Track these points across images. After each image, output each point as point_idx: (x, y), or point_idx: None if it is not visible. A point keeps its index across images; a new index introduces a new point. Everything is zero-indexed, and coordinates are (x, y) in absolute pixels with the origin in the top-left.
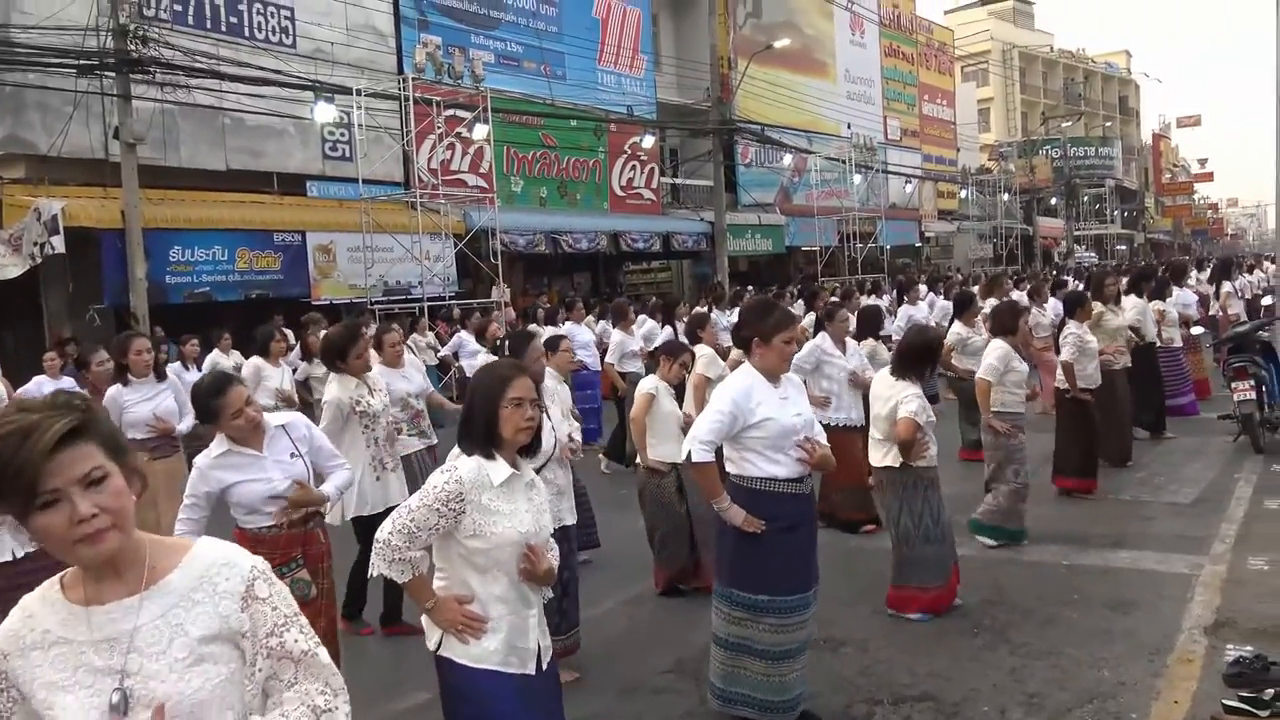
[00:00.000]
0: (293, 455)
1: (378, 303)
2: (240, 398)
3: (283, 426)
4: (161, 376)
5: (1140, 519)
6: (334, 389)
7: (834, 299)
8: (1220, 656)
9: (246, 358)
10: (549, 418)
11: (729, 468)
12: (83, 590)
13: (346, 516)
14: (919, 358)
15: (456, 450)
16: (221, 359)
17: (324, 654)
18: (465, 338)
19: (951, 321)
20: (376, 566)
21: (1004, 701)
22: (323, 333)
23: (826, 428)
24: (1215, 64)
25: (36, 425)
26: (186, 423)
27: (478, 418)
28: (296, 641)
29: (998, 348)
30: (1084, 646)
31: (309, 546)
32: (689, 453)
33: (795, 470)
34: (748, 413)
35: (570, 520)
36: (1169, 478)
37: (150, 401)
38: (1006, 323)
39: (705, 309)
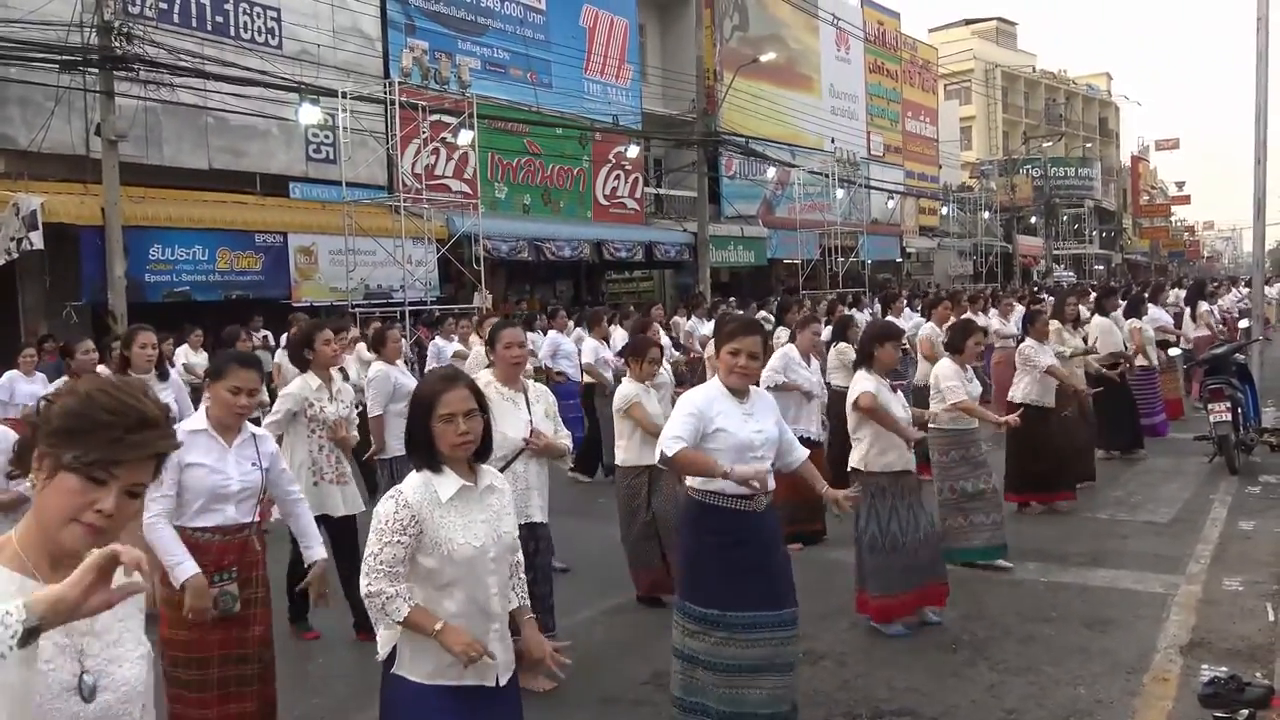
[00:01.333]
0: (254, 465)
1: (359, 306)
2: (251, 380)
3: (255, 436)
4: (164, 375)
5: (1118, 538)
6: (294, 384)
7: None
8: (1195, 676)
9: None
10: (528, 412)
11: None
12: (33, 567)
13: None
14: (865, 348)
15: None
16: (192, 356)
17: None
18: (442, 344)
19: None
20: (377, 623)
21: (982, 717)
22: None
23: None
24: (1194, 89)
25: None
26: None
27: (416, 435)
28: None
29: (948, 367)
30: (1061, 664)
31: (244, 555)
32: (661, 452)
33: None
34: (707, 421)
35: (540, 518)
36: (1146, 497)
37: (168, 397)
38: (955, 341)
39: (685, 317)
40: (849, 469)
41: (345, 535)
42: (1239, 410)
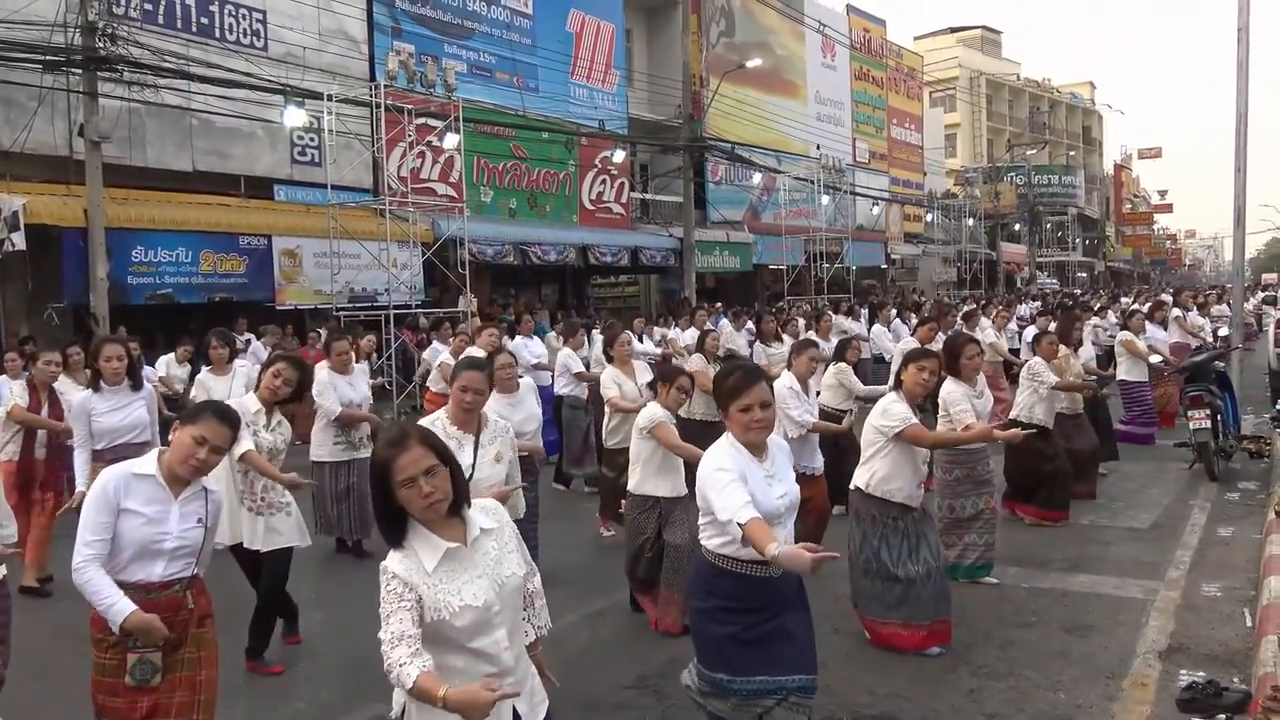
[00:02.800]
0: (199, 521)
1: (343, 309)
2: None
3: (205, 490)
4: (138, 385)
5: (1098, 544)
6: (235, 400)
7: (806, 335)
8: (1174, 681)
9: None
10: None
11: (701, 537)
12: None
13: (225, 542)
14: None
15: None
16: (174, 368)
17: None
18: (440, 347)
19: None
20: (405, 686)
21: None
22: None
23: None
24: (1177, 98)
25: None
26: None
27: (383, 508)
28: None
29: (955, 390)
30: (1042, 669)
31: (176, 613)
32: (735, 521)
33: (755, 554)
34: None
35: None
36: (1127, 503)
37: (120, 411)
38: (948, 365)
39: (668, 327)
40: (851, 485)
41: (258, 567)
42: (1219, 417)
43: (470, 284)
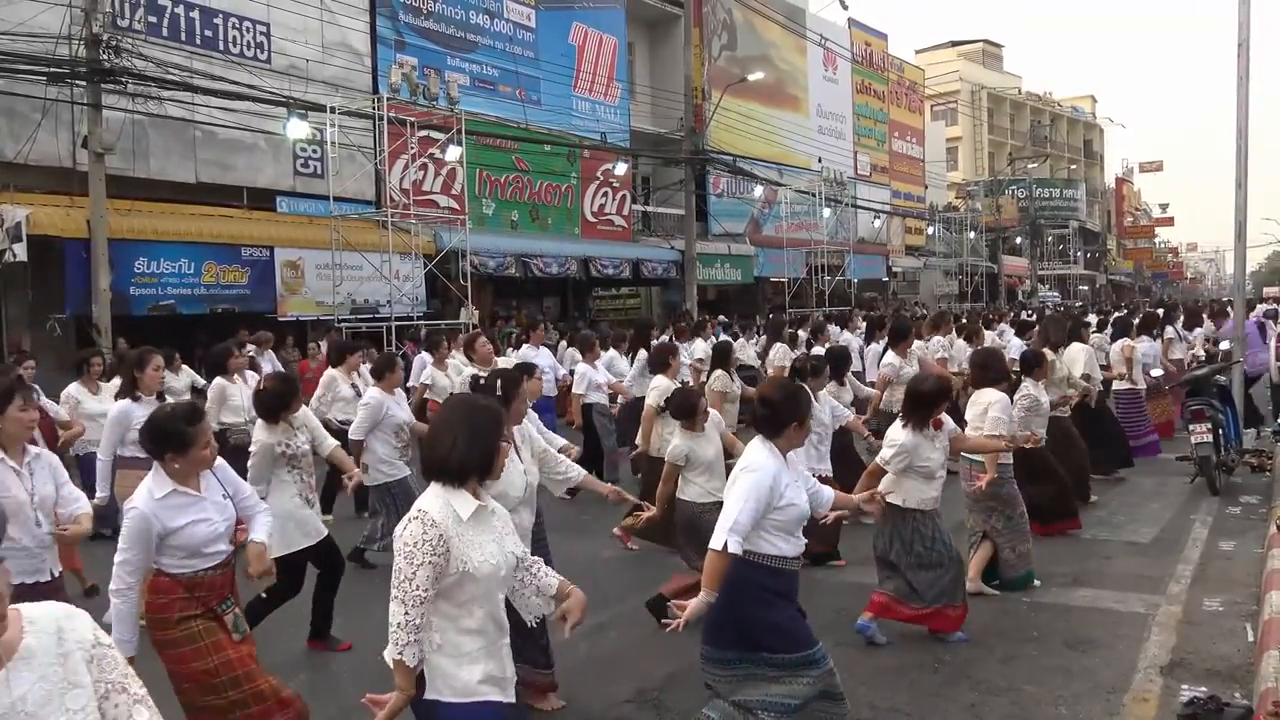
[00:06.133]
0: (224, 496)
1: (344, 321)
2: (209, 428)
3: (212, 469)
4: (163, 394)
5: (1100, 558)
6: (261, 433)
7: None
8: (1175, 696)
9: (204, 376)
10: (520, 459)
11: (747, 545)
12: None
13: (281, 551)
14: (916, 404)
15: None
16: (171, 380)
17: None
18: (426, 357)
19: (885, 352)
20: (399, 651)
21: None
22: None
23: None
24: (1178, 112)
25: None
26: None
27: (472, 453)
28: (132, 680)
29: (999, 398)
30: (1043, 684)
31: (233, 586)
32: (724, 541)
33: (799, 548)
34: (776, 496)
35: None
36: (1128, 517)
37: None
38: (996, 373)
39: (668, 338)
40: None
41: (318, 556)
42: (1220, 432)
43: (472, 296)
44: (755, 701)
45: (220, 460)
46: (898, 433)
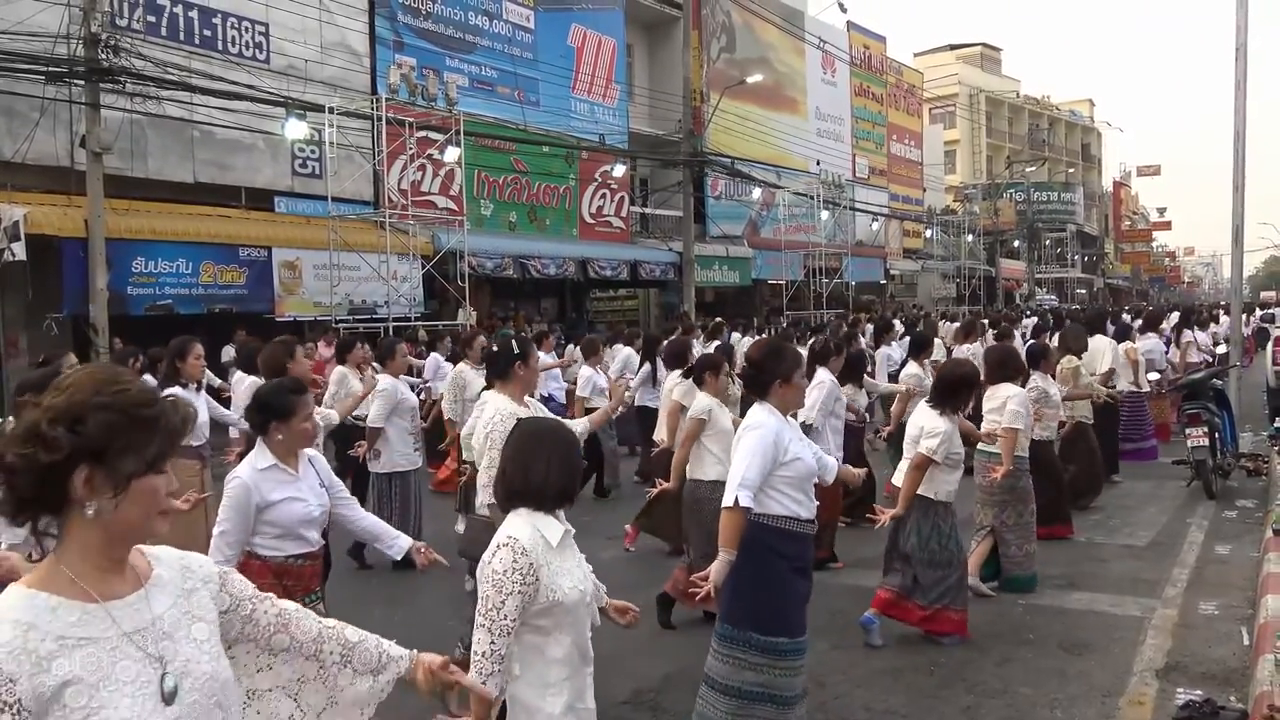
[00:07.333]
0: (321, 485)
1: (342, 321)
2: (311, 401)
3: (309, 458)
4: (200, 385)
5: (1096, 560)
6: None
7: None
8: (1171, 699)
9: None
10: None
11: (756, 507)
12: (85, 588)
13: None
14: (953, 390)
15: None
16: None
17: None
18: (439, 359)
19: (905, 363)
20: (482, 679)
21: None
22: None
23: None
24: (1176, 116)
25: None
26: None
27: (565, 479)
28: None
29: (1019, 394)
30: (1038, 686)
31: (322, 581)
32: (735, 496)
33: (812, 510)
34: (781, 451)
35: None
36: (1124, 520)
37: (202, 409)
38: (1013, 369)
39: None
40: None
41: None
42: (1216, 435)
43: (470, 297)
44: (734, 687)
45: (314, 451)
46: (937, 421)
